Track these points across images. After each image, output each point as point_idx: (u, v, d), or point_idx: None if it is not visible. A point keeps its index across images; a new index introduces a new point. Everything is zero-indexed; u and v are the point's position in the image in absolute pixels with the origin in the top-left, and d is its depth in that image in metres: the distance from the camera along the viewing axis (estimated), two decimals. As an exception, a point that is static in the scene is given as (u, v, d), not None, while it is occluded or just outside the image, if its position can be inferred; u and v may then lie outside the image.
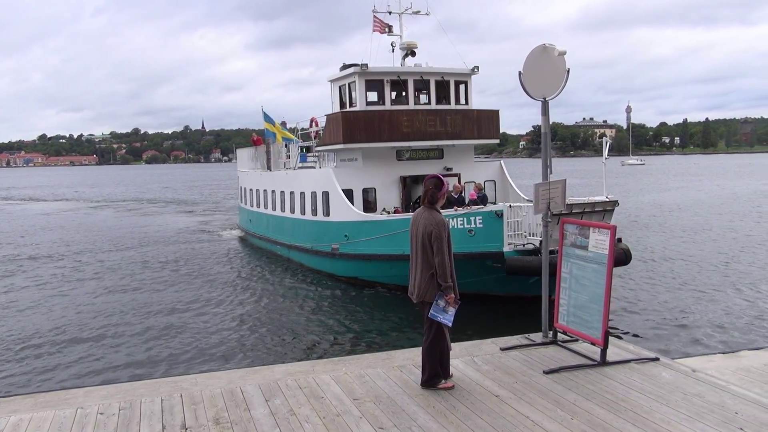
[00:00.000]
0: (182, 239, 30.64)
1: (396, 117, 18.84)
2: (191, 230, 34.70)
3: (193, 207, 54.25)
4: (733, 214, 36.14)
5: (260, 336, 13.80)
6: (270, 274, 20.85)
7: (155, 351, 12.92)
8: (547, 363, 6.91)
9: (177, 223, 39.02)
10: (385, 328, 14.30)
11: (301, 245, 21.08)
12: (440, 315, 6.18)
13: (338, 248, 18.33)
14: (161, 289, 18.94)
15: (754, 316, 14.40)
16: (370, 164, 19.65)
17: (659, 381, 6.31)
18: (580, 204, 14.49)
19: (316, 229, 19.98)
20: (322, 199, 19.40)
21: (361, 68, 18.98)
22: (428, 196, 6.38)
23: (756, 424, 5.25)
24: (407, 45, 20.65)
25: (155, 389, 6.48)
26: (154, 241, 30.41)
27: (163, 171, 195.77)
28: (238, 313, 15.70)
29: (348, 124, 18.69)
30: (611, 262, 6.60)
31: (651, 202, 45.43)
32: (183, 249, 27.07)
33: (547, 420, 5.47)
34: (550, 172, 7.69)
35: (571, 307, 7.18)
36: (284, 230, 22.88)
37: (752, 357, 8.28)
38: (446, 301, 6.17)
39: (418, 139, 19.13)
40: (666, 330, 13.59)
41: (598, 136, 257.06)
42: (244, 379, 6.70)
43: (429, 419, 5.57)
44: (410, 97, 19.77)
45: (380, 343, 12.99)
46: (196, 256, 25.04)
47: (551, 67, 7.50)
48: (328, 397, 6.12)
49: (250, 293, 18.10)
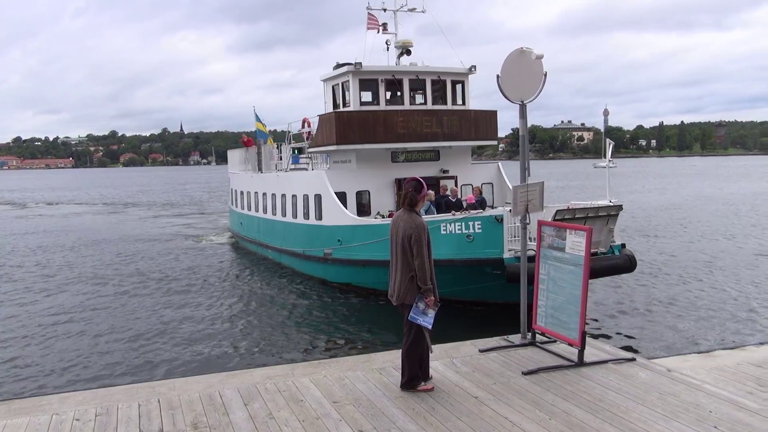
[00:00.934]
0: (168, 243, 30.18)
1: (391, 117, 18.32)
2: (177, 233, 34.19)
3: (178, 209, 53.81)
4: (708, 216, 36.70)
5: (240, 340, 13.70)
6: (257, 279, 20.53)
7: (133, 356, 12.77)
8: (526, 364, 6.96)
9: (163, 227, 38.57)
10: (365, 331, 14.29)
11: (293, 250, 20.54)
12: (420, 317, 6.20)
13: (331, 253, 17.78)
14: (143, 293, 18.69)
15: (731, 316, 14.63)
16: (364, 166, 19.05)
17: (636, 381, 6.39)
18: (584, 209, 13.94)
19: (307, 233, 19.44)
20: (315, 202, 18.85)
21: (354, 67, 18.43)
22: (407, 198, 6.39)
23: (729, 421, 5.34)
24: (402, 43, 20.13)
25: (132, 394, 6.41)
26: (137, 244, 30.05)
27: (142, 174, 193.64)
28: (219, 318, 15.55)
29: (341, 125, 18.13)
30: (587, 263, 6.67)
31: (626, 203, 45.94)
32: (169, 253, 26.63)
33: (525, 421, 5.51)
34: (528, 174, 7.75)
35: (549, 308, 7.25)
36: (275, 234, 22.34)
37: (726, 356, 8.42)
38: (426, 304, 6.19)
39: (414, 140, 18.65)
40: (644, 330, 13.76)
41: (576, 139, 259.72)
42: (223, 383, 6.66)
43: (408, 421, 5.58)
44: (405, 97, 19.28)
45: (360, 346, 12.98)
46: (182, 260, 24.60)
47: (529, 71, 7.58)
48: (308, 401, 6.11)
49: (234, 297, 17.88)
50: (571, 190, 62.50)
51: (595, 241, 13.77)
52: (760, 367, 7.83)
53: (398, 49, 20.15)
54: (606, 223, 14.13)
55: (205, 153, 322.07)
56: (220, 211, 50.31)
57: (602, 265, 13.88)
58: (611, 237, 14.37)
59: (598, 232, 13.74)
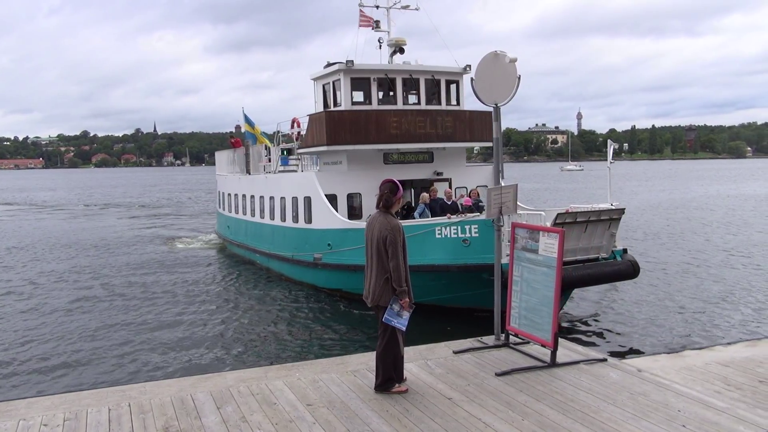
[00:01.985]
0: (147, 246, 29.66)
1: (383, 117, 17.72)
2: (157, 236, 33.60)
3: (156, 210, 53.17)
4: (678, 218, 37.35)
5: (215, 343, 13.57)
6: (238, 283, 20.15)
7: (105, 360, 12.58)
8: (499, 365, 7.01)
9: (140, 229, 38.03)
10: (341, 333, 14.24)
11: (281, 254, 19.81)
12: (394, 319, 6.20)
13: (321, 258, 17.17)
14: (119, 297, 18.35)
15: (702, 317, 14.89)
16: (355, 168, 18.41)
17: (607, 381, 6.47)
18: (585, 212, 13.52)
19: (297, 236, 18.78)
20: (304, 204, 18.21)
21: (346, 65, 17.73)
22: (383, 200, 6.42)
23: (697, 420, 5.44)
24: (395, 41, 19.47)
25: (102, 399, 6.31)
26: (115, 247, 29.60)
27: (116, 175, 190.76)
28: (195, 322, 15.34)
29: (332, 125, 17.50)
30: (560, 265, 6.74)
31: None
32: (148, 256, 26.13)
33: (498, 421, 5.54)
34: (501, 177, 7.81)
35: (522, 309, 7.31)
36: (263, 238, 21.61)
37: (695, 356, 8.56)
38: (401, 306, 6.19)
39: (407, 141, 18.05)
40: (617, 331, 13.94)
41: (550, 142, 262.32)
42: (195, 387, 6.59)
43: (382, 423, 5.58)
44: (398, 97, 18.65)
45: (335, 349, 12.94)
46: (164, 264, 24.03)
47: (503, 74, 7.64)
48: (281, 403, 6.07)
49: (213, 302, 17.55)
50: (545, 192, 63.18)
51: (597, 246, 13.64)
52: (728, 366, 7.98)
53: (391, 48, 19.59)
54: (608, 228, 13.71)
55: (179, 154, 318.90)
56: (199, 213, 49.94)
57: (604, 271, 13.56)
58: (613, 242, 13.99)
59: (599, 236, 13.61)
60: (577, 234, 13.23)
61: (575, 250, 13.35)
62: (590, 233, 13.46)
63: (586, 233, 13.39)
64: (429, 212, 16.18)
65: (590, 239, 13.54)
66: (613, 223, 13.74)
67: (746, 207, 45.34)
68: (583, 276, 13.27)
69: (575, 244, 13.32)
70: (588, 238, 13.49)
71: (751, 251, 24.48)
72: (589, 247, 13.59)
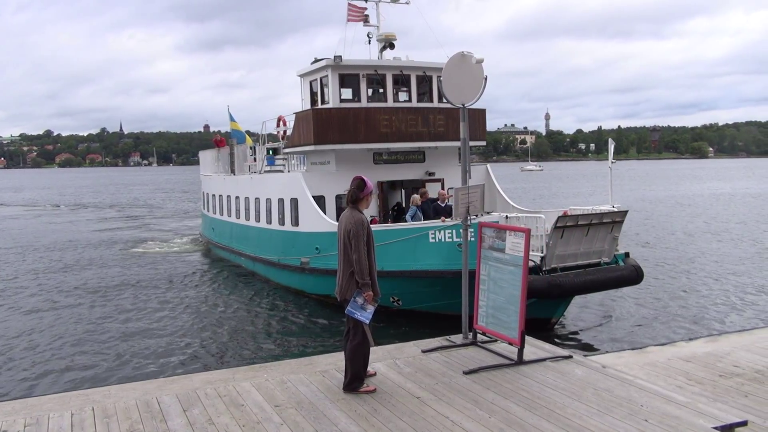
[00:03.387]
0: (118, 248, 29.05)
1: (373, 115, 17.08)
2: (131, 238, 32.84)
3: (131, 210, 52.28)
4: (656, 215, 38.09)
5: (182, 346, 13.41)
6: (214, 285, 19.70)
7: (68, 364, 12.34)
8: (467, 364, 7.06)
9: (111, 231, 37.38)
10: (311, 334, 14.21)
11: (267, 258, 19.09)
12: (358, 312, 6.23)
13: (308, 262, 16.39)
14: (85, 299, 17.99)
15: (666, 313, 15.21)
16: (344, 168, 17.53)
17: (572, 378, 6.57)
18: (587, 215, 13.12)
19: (283, 240, 18.04)
20: (291, 206, 17.49)
21: (334, 61, 17.14)
22: (350, 195, 6.50)
23: (658, 414, 5.55)
24: (385, 36, 18.85)
25: (64, 403, 6.18)
26: (86, 249, 29.03)
27: (83, 175, 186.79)
28: (165, 324, 15.11)
29: (319, 123, 16.87)
30: (526, 264, 6.81)
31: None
32: (121, 259, 25.60)
33: (465, 419, 5.58)
34: (469, 176, 7.87)
35: (490, 308, 7.37)
36: (249, 241, 20.94)
37: (658, 352, 8.74)
38: (365, 299, 6.22)
39: (398, 140, 17.39)
40: (583, 328, 14.16)
41: (519, 142, 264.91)
42: (161, 390, 6.50)
43: (351, 423, 5.58)
44: (389, 94, 18.01)
45: (305, 349, 12.89)
46: (141, 266, 23.47)
47: (470, 75, 7.71)
48: (249, 405, 6.03)
49: (186, 305, 17.16)
50: (521, 191, 63.75)
51: (598, 250, 13.24)
52: (689, 362, 8.17)
53: (380, 43, 18.97)
54: (610, 231, 13.27)
55: (146, 154, 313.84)
56: (174, 214, 49.29)
57: (607, 277, 13.11)
58: (615, 245, 13.59)
59: (601, 240, 13.22)
60: (578, 238, 12.83)
61: (576, 254, 12.96)
62: (592, 237, 13.05)
63: (587, 237, 12.97)
64: (421, 215, 15.47)
65: (592, 243, 13.12)
66: (615, 226, 13.33)
67: (718, 205, 46.47)
68: (585, 282, 12.80)
69: (576, 249, 12.91)
70: (589, 242, 13.07)
71: (722, 248, 25.09)
72: (591, 251, 13.17)
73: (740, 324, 14.12)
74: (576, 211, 14.01)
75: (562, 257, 12.83)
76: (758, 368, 7.81)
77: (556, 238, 12.57)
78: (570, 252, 12.84)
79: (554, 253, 12.67)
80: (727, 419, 5.48)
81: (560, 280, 12.51)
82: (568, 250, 12.84)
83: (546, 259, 12.70)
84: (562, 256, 12.79)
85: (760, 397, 6.91)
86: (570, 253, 12.85)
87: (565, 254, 12.84)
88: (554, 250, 12.66)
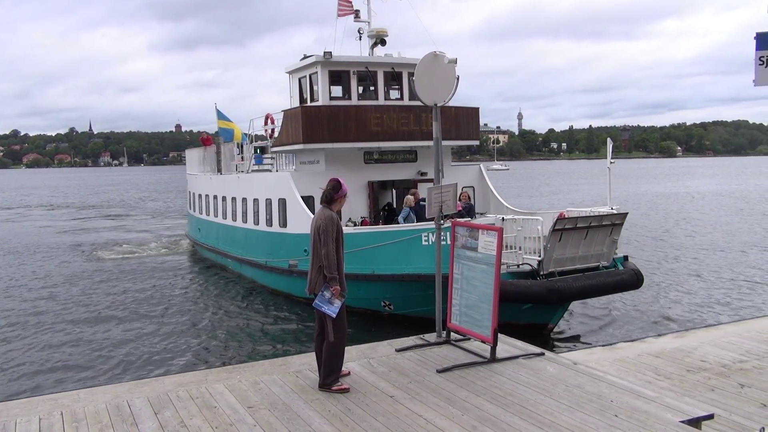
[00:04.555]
0: (94, 249, 28.53)
1: (364, 114, 16.69)
2: (107, 241, 32.15)
3: (108, 210, 51.42)
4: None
5: (155, 348, 13.25)
6: (199, 288, 19.29)
7: (37, 367, 12.11)
8: (441, 362, 7.10)
9: (91, 232, 36.70)
10: (286, 334, 14.15)
11: (254, 260, 18.56)
12: (325, 306, 6.27)
13: (296, 265, 15.81)
14: (60, 300, 17.67)
15: (637, 310, 15.45)
16: (333, 167, 17.11)
17: (544, 374, 6.64)
18: (585, 217, 12.76)
19: (270, 241, 17.55)
20: (279, 207, 17.02)
21: (324, 57, 16.66)
22: (324, 194, 6.59)
23: (628, 409, 5.65)
24: (376, 32, 18.28)
25: (32, 408, 6.06)
26: (39, 249, 28.48)
27: (53, 176, 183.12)
28: (140, 327, 14.85)
29: (308, 122, 16.41)
30: (499, 262, 6.87)
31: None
32: (99, 260, 25.15)
33: (439, 417, 5.61)
34: (441, 176, 7.92)
35: (463, 307, 7.42)
36: (236, 242, 20.43)
37: (628, 348, 8.88)
38: (332, 293, 6.27)
39: (389, 139, 16.95)
40: (560, 326, 14.30)
41: (492, 142, 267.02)
42: (132, 393, 6.42)
43: (324, 423, 5.57)
44: (380, 92, 17.56)
45: (280, 350, 12.84)
46: (121, 268, 22.98)
47: (442, 74, 7.76)
48: (222, 407, 5.98)
49: (160, 306, 16.86)
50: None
51: (597, 253, 12.87)
52: (658, 357, 8.32)
53: (371, 39, 18.43)
54: (609, 234, 12.92)
55: (116, 154, 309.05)
56: (149, 213, 48.66)
57: (606, 281, 12.69)
58: (615, 248, 13.22)
59: (600, 243, 12.86)
60: (576, 241, 12.50)
61: (574, 258, 12.61)
62: (590, 240, 12.69)
63: (586, 240, 12.60)
64: (414, 217, 14.98)
65: (590, 246, 12.76)
66: (615, 228, 13.00)
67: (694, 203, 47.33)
68: (584, 287, 12.39)
69: (574, 252, 12.58)
70: (588, 245, 12.71)
71: (696, 245, 25.57)
72: (589, 254, 12.80)
73: (709, 319, 14.43)
74: (573, 213, 13.65)
75: (560, 261, 12.43)
76: (724, 362, 7.99)
77: (554, 241, 12.15)
78: (568, 255, 12.45)
79: (552, 256, 12.27)
80: (694, 413, 5.60)
81: (558, 285, 12.05)
82: (566, 254, 12.43)
83: (543, 263, 12.26)
84: (560, 259, 12.41)
85: (725, 391, 7.07)
86: (568, 256, 12.46)
87: (563, 258, 12.44)
88: (552, 254, 12.24)
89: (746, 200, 50.38)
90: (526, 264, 12.58)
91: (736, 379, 7.40)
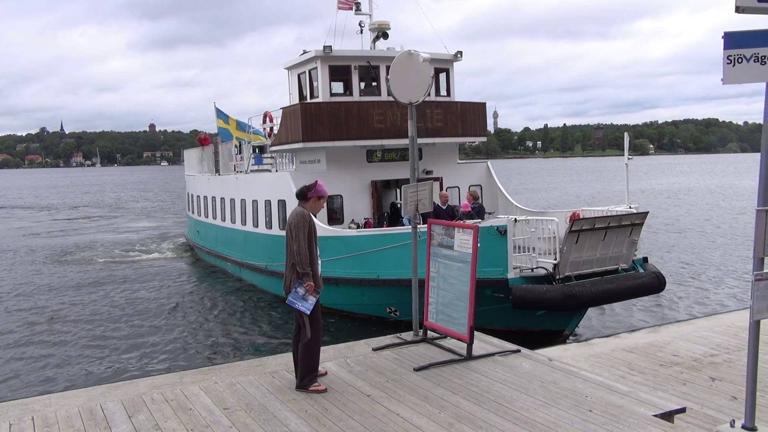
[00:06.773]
0: (85, 251, 27.98)
1: (366, 110, 15.89)
2: (95, 242, 31.51)
3: (98, 210, 50.58)
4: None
5: (129, 351, 13.06)
6: (186, 291, 18.87)
7: (7, 372, 11.87)
8: (418, 360, 7.11)
9: (77, 233, 36.06)
10: (264, 335, 14.05)
11: (254, 263, 17.89)
12: (299, 302, 6.24)
13: None
14: (33, 303, 17.37)
15: (611, 306, 15.63)
16: (335, 167, 16.42)
17: (520, 371, 6.70)
18: (604, 218, 11.93)
19: (271, 244, 16.74)
20: (278, 208, 16.38)
21: (324, 52, 15.90)
22: (298, 190, 6.62)
23: (602, 404, 5.72)
24: (378, 25, 17.46)
25: (2, 413, 5.94)
26: (28, 252, 27.93)
27: (24, 176, 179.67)
28: (114, 330, 14.62)
29: (308, 119, 15.65)
30: (475, 260, 6.91)
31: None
32: (87, 262, 24.66)
33: (416, 416, 5.62)
34: (417, 174, 7.93)
35: (440, 305, 7.45)
36: (235, 245, 19.78)
37: (602, 344, 8.98)
38: (306, 289, 6.24)
39: (393, 136, 15.95)
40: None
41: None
42: (105, 396, 6.32)
43: (301, 423, 5.55)
44: (382, 87, 16.53)
45: (256, 351, 12.75)
46: (112, 271, 22.49)
47: (417, 73, 7.77)
48: (197, 409, 5.92)
49: (145, 308, 16.57)
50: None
51: (616, 255, 12.06)
52: (632, 352, 8.43)
53: (373, 33, 17.65)
54: (629, 234, 12.06)
55: (89, 154, 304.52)
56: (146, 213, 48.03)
57: (627, 285, 11.83)
58: (634, 250, 12.38)
59: (619, 245, 12.03)
60: (594, 242, 11.62)
61: (592, 260, 11.74)
62: (609, 241, 11.83)
63: (604, 241, 11.74)
64: (421, 218, 15.09)
65: (609, 248, 11.91)
66: (634, 229, 12.13)
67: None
68: (604, 292, 11.53)
69: (592, 254, 11.69)
70: (606, 247, 11.86)
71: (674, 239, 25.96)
72: (607, 257, 11.95)
73: (680, 314, 14.67)
74: (587, 212, 12.95)
75: (577, 264, 11.60)
76: (696, 357, 8.12)
77: (570, 243, 11.31)
78: (585, 258, 11.62)
79: (569, 259, 11.45)
80: (666, 407, 5.68)
81: (576, 290, 11.22)
82: (583, 256, 11.59)
83: (560, 267, 11.42)
84: (577, 262, 11.59)
85: (697, 385, 7.19)
86: (585, 259, 11.63)
87: (580, 260, 11.59)
88: (569, 256, 11.41)
89: (724, 196, 51.28)
90: (541, 268, 11.79)
91: (707, 373, 7.53)
